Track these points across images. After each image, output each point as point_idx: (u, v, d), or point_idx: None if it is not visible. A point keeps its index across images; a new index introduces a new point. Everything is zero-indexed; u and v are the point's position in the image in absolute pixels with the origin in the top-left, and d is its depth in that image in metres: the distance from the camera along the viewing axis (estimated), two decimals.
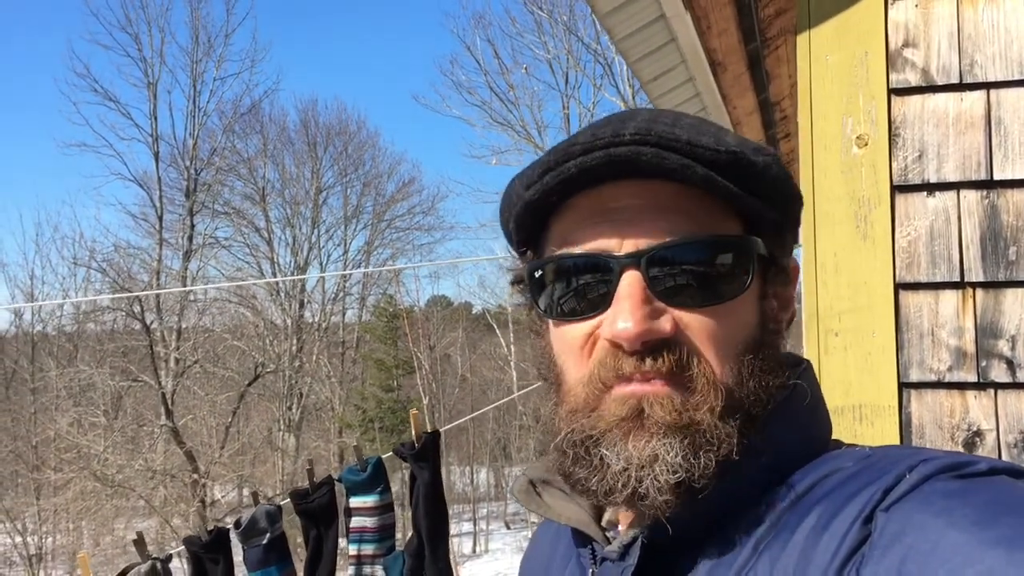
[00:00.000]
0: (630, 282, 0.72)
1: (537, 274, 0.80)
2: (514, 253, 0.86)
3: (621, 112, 0.78)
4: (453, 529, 24.28)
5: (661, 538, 0.73)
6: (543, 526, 1.02)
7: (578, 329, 0.77)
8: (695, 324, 0.73)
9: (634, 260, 0.73)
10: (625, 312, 0.71)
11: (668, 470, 0.69)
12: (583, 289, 0.76)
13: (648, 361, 0.72)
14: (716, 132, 0.74)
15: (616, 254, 0.74)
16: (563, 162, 0.73)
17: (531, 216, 0.79)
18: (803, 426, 0.78)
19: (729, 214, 0.75)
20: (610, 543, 0.78)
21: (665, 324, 0.72)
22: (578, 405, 0.75)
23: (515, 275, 0.85)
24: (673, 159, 0.70)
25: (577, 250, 0.76)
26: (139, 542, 2.71)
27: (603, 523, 0.84)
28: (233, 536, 3.28)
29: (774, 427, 0.75)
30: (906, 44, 1.93)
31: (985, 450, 1.81)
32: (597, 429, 0.73)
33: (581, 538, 0.83)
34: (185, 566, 3.29)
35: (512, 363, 28.61)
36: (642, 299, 0.72)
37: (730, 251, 0.74)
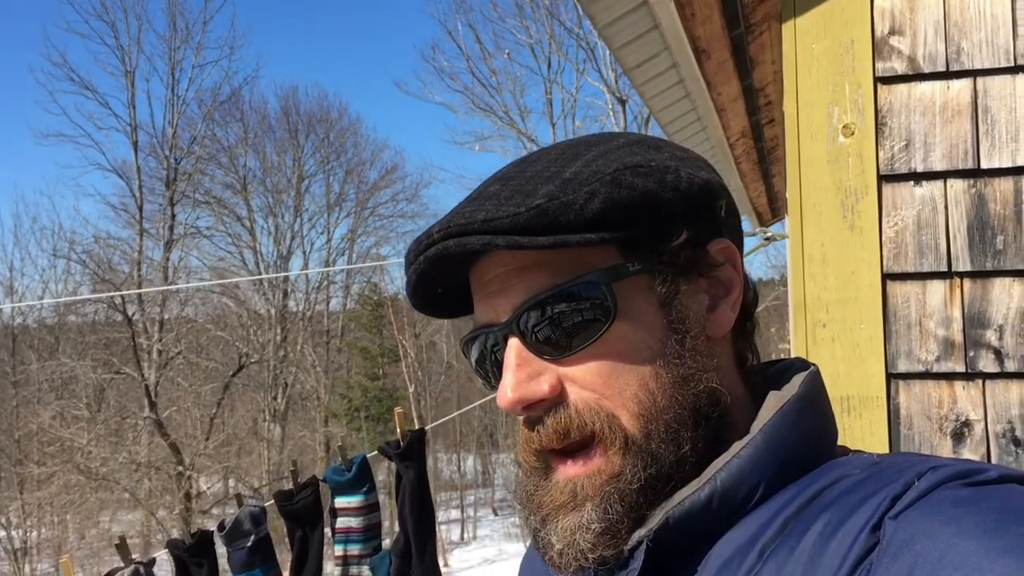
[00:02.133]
0: (510, 349, 0.75)
1: (463, 353, 0.84)
2: None
3: (477, 189, 0.80)
4: (441, 516, 24.39)
5: (665, 541, 0.72)
6: None
7: None
8: (575, 372, 0.74)
9: (507, 327, 0.75)
10: (504, 382, 0.74)
11: (585, 531, 0.72)
12: (488, 362, 0.80)
13: (540, 430, 0.74)
14: (551, 175, 0.74)
15: (496, 324, 0.77)
16: (408, 272, 0.78)
17: (440, 309, 0.85)
18: (809, 432, 0.77)
19: (595, 249, 0.75)
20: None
21: (542, 384, 0.74)
22: (526, 464, 0.79)
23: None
24: (474, 242, 0.72)
25: (477, 326, 0.80)
26: (121, 546, 2.68)
27: None
28: (217, 539, 3.26)
29: (774, 431, 0.74)
30: (892, 32, 1.91)
31: (973, 441, 1.81)
32: (543, 511, 0.76)
33: None
34: (170, 567, 3.26)
35: None
36: (518, 364, 0.74)
37: (583, 291, 0.74)
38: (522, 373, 0.74)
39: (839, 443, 0.82)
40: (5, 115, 50.65)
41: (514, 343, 0.75)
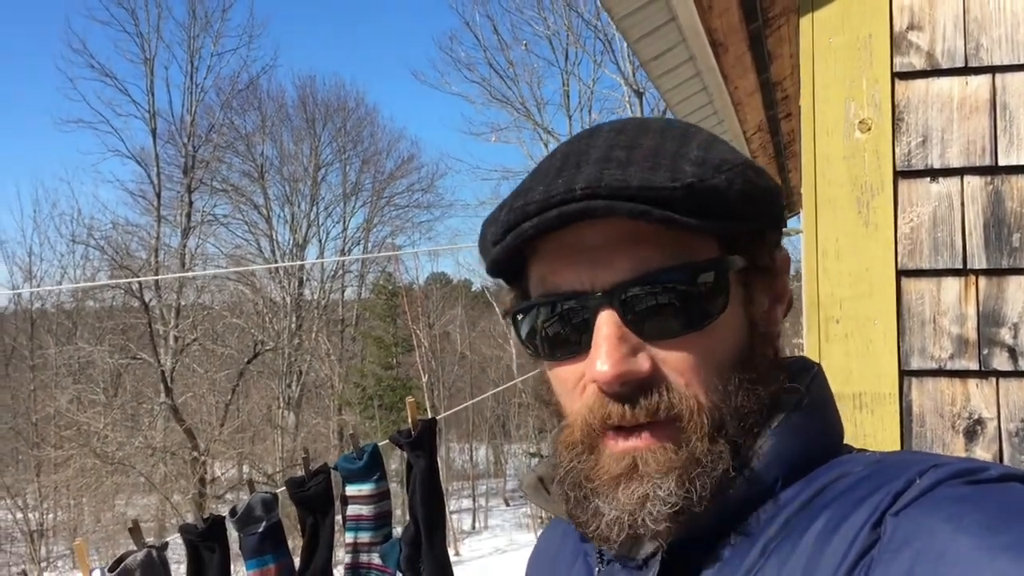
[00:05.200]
0: (605, 322, 0.72)
1: (520, 317, 0.79)
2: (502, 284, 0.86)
3: (577, 143, 0.77)
4: (453, 506, 24.45)
5: (679, 549, 0.73)
6: (553, 522, 1.02)
7: (568, 371, 0.77)
8: (674, 357, 0.73)
9: (607, 299, 0.72)
10: (603, 355, 0.71)
11: (661, 503, 0.70)
12: (565, 332, 0.76)
13: (628, 407, 0.72)
14: (675, 152, 0.73)
15: (590, 294, 0.73)
16: (520, 222, 0.72)
17: (506, 265, 0.79)
18: (813, 431, 0.78)
19: (701, 235, 0.74)
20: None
21: (643, 363, 0.72)
22: (575, 441, 0.76)
23: (503, 311, 0.85)
24: (624, 208, 0.69)
25: (554, 293, 0.75)
26: (134, 530, 2.71)
27: None
28: (229, 524, 3.28)
29: (784, 432, 0.75)
30: (911, 27, 1.90)
31: (986, 439, 1.80)
32: (593, 482, 0.74)
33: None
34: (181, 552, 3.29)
35: (511, 341, 28.67)
36: (618, 338, 0.71)
37: (701, 278, 0.73)
38: (624, 347, 0.71)
39: (846, 441, 0.82)
40: (26, 101, 51.04)
41: (611, 315, 0.72)
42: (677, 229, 0.71)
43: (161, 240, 25.76)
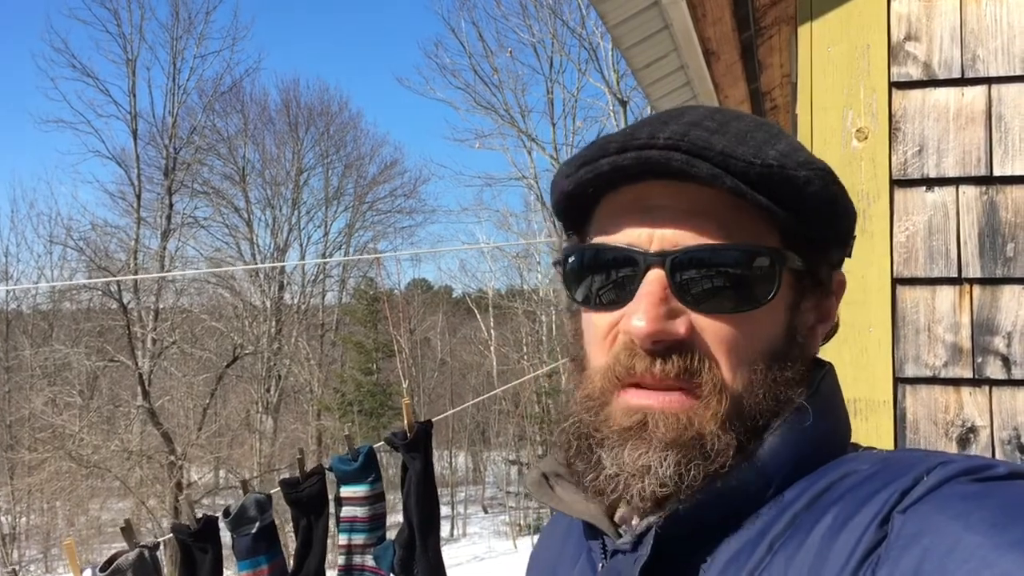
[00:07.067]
0: (652, 280, 0.74)
1: (571, 260, 0.81)
2: (562, 235, 0.88)
3: (672, 109, 0.79)
4: None
5: (674, 531, 0.72)
6: (554, 519, 1.02)
7: (603, 319, 0.78)
8: (711, 329, 0.74)
9: (659, 259, 0.74)
10: (642, 310, 0.73)
11: (657, 483, 0.71)
12: (610, 281, 0.78)
13: (659, 363, 0.73)
14: (763, 141, 0.74)
15: (644, 251, 0.75)
16: (598, 158, 0.74)
17: (573, 204, 0.82)
18: (821, 428, 0.78)
19: (765, 224, 0.75)
20: (621, 536, 0.78)
21: (679, 326, 0.73)
22: (593, 392, 0.77)
23: (555, 257, 0.87)
24: (702, 167, 0.70)
25: (609, 243, 0.77)
26: (126, 529, 2.68)
27: (616, 519, 0.83)
28: (222, 524, 3.26)
29: (791, 428, 0.75)
30: (908, 37, 1.92)
31: (979, 447, 1.81)
32: (600, 432, 0.75)
33: (592, 531, 0.83)
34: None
35: (492, 348, 28.65)
36: (660, 298, 0.73)
37: (755, 262, 0.75)
38: (663, 308, 0.73)
39: (852, 442, 0.83)
40: (5, 100, 50.51)
41: (659, 276, 0.74)
42: (745, 208, 0.73)
43: (140, 242, 25.52)
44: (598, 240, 0.79)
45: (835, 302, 0.83)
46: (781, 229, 0.76)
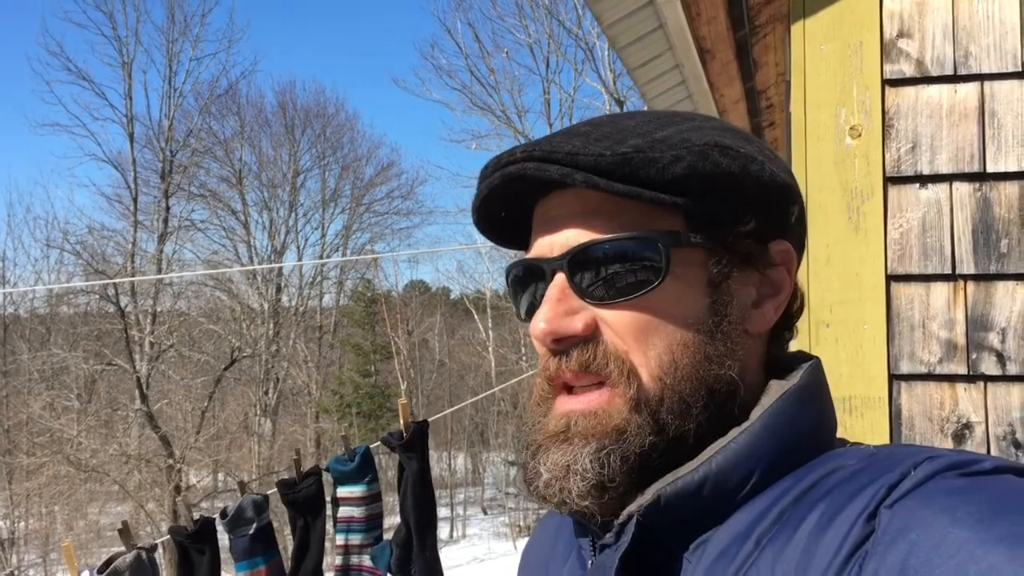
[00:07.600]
0: (554, 284, 0.78)
1: (506, 279, 0.87)
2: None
3: (563, 129, 0.84)
4: None
5: (653, 520, 0.73)
6: (547, 517, 1.02)
7: None
8: (612, 319, 0.77)
9: (559, 263, 0.78)
10: (540, 313, 0.77)
11: (580, 477, 0.74)
12: (530, 292, 0.83)
13: (563, 360, 0.77)
14: (641, 132, 0.77)
15: (548, 258, 0.79)
16: (480, 182, 0.82)
17: (506, 233, 0.89)
18: (807, 422, 0.78)
19: (663, 211, 0.77)
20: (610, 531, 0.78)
21: (576, 322, 0.77)
22: (536, 400, 0.82)
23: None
24: (552, 170, 0.75)
25: (526, 257, 0.83)
26: (124, 531, 2.67)
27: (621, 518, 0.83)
28: (219, 526, 3.26)
29: (774, 419, 0.75)
30: (901, 34, 1.92)
31: (974, 443, 1.82)
32: (537, 440, 0.79)
33: (581, 529, 0.84)
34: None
35: (490, 349, 28.65)
36: (557, 299, 0.77)
37: (640, 247, 0.77)
38: (560, 308, 0.77)
39: (839, 437, 0.82)
40: (0, 104, 50.44)
41: (559, 279, 0.78)
42: (631, 201, 0.75)
43: (137, 245, 25.50)
44: (516, 259, 0.85)
45: (785, 273, 0.83)
46: (683, 212, 0.77)
